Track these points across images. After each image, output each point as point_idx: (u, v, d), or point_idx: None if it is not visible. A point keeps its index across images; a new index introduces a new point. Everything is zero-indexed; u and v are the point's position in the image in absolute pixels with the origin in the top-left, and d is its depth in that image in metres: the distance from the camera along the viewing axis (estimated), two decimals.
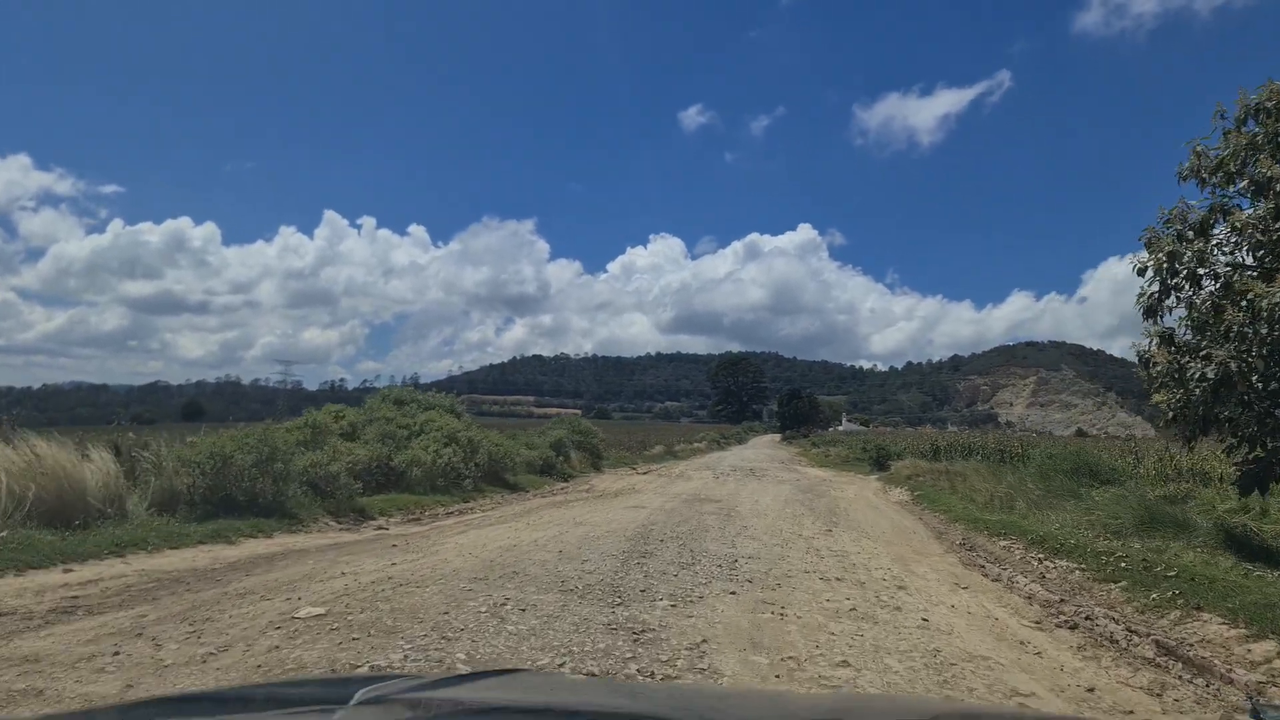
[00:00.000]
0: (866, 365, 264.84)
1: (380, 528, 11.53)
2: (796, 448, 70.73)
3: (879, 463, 31.89)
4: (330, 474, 11.69)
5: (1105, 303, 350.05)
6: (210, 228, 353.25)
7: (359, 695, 1.51)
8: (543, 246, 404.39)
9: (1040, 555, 10.59)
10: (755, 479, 27.13)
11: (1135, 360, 10.25)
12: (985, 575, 9.51)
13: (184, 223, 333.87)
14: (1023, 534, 12.03)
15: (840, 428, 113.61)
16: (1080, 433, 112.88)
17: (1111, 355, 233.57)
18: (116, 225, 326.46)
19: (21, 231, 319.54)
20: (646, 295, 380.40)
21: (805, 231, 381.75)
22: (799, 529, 12.85)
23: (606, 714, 1.63)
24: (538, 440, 23.24)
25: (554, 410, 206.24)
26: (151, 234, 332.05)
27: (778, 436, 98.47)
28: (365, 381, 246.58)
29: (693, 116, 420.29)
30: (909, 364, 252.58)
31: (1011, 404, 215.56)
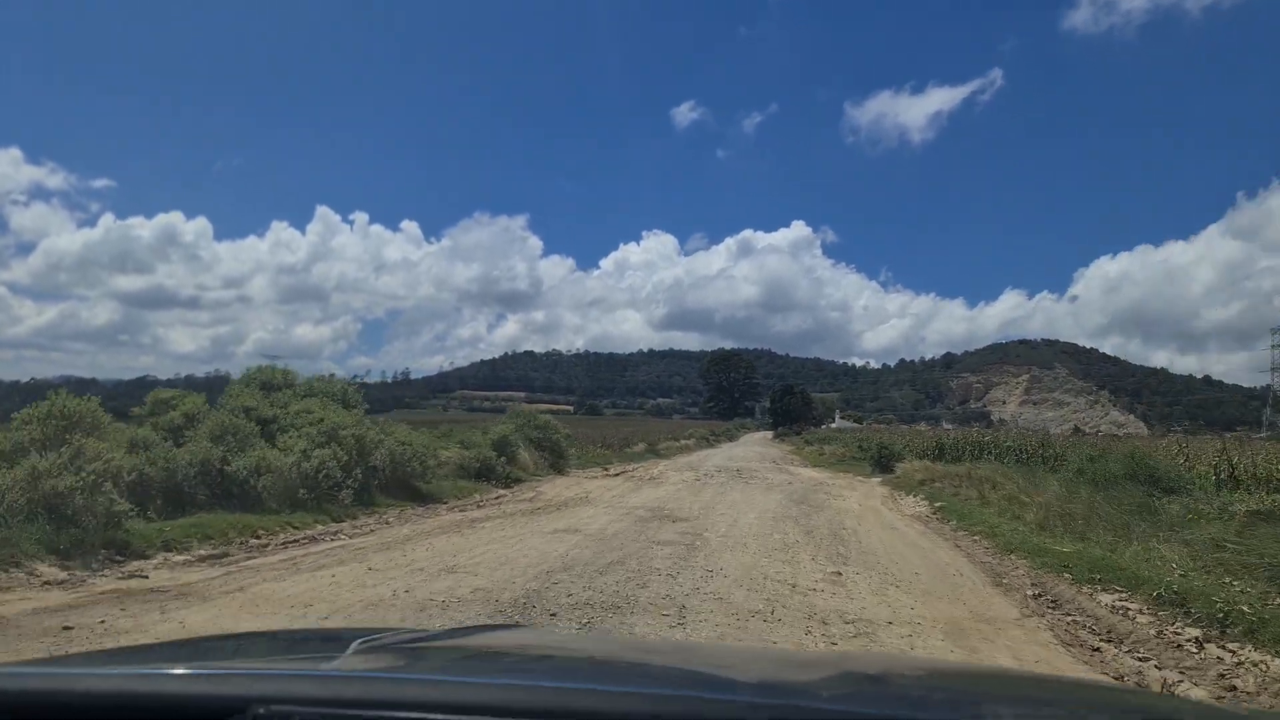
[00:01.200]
0: (859, 363, 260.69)
1: (136, 574, 7.30)
2: (789, 445, 66.56)
3: (881, 463, 27.76)
4: (59, 491, 7.49)
5: (1096, 301, 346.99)
6: (202, 222, 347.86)
7: (355, 645, 1.53)
8: (535, 243, 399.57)
9: (1192, 628, 6.38)
10: (741, 482, 22.98)
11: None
12: (1115, 675, 5.34)
13: (175, 217, 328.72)
14: (1133, 583, 7.83)
15: (833, 425, 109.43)
16: (1077, 430, 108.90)
17: (1104, 354, 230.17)
18: (108, 219, 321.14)
19: (12, 225, 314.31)
20: (639, 292, 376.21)
21: (799, 229, 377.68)
22: (793, 571, 8.64)
23: (601, 660, 1.76)
24: (478, 438, 19.01)
25: (545, 406, 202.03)
26: (143, 228, 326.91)
27: (770, 434, 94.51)
28: (356, 376, 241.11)
29: (685, 113, 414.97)
30: (901, 361, 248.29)
31: (1004, 402, 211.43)
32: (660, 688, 1.45)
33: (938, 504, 16.05)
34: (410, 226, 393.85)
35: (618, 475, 24.92)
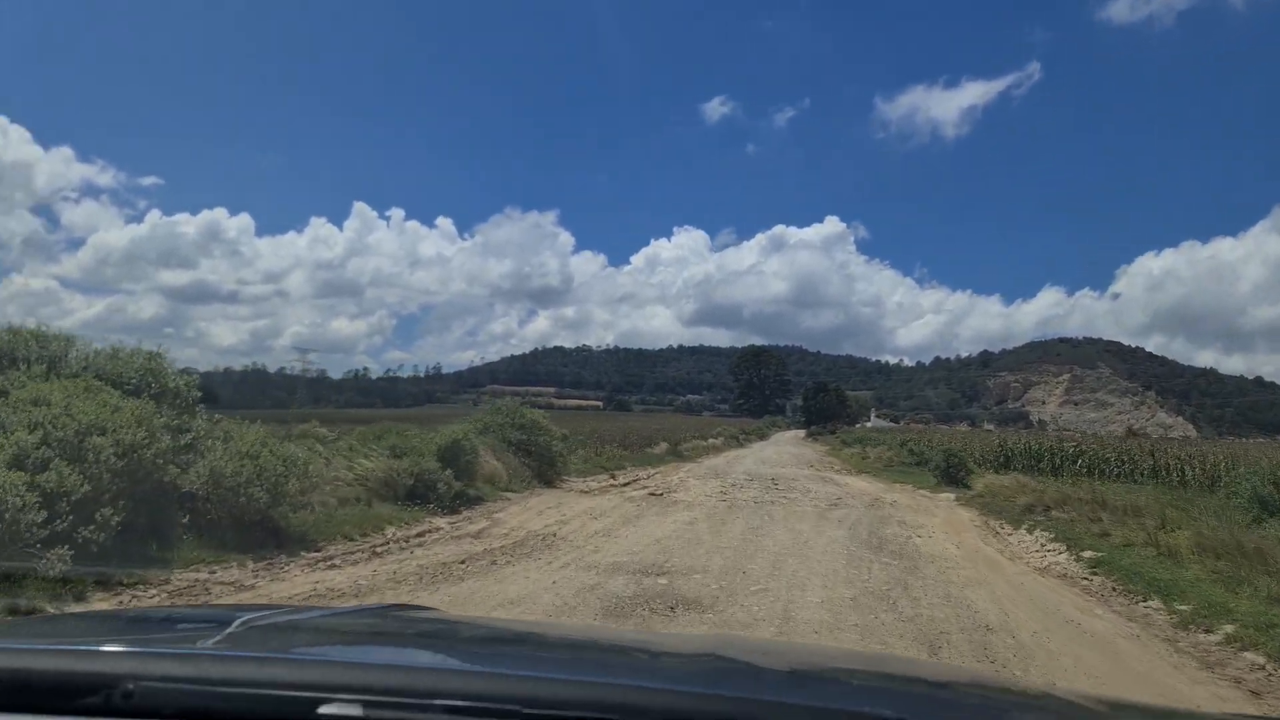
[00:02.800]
0: (892, 360, 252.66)
1: None
2: (823, 445, 60.68)
3: (950, 474, 22.08)
4: None
5: (1139, 299, 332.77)
6: (244, 219, 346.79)
7: (239, 621, 1.49)
8: (566, 239, 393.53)
9: None
10: (781, 500, 17.57)
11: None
12: None
13: (219, 214, 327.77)
14: None
15: (869, 424, 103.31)
16: (1131, 433, 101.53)
17: (1151, 353, 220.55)
18: (154, 216, 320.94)
19: (63, 222, 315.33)
20: (670, 288, 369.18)
21: (832, 224, 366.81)
22: None
23: (490, 640, 1.73)
24: (418, 442, 13.64)
25: (575, 401, 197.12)
26: (188, 225, 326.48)
27: (802, 432, 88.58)
28: (389, 370, 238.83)
29: (715, 108, 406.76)
30: (936, 359, 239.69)
31: (1044, 402, 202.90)
32: (557, 672, 1.40)
33: (1083, 552, 10.44)
34: (445, 223, 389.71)
35: (624, 485, 19.55)
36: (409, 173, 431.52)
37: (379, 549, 9.31)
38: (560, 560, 8.80)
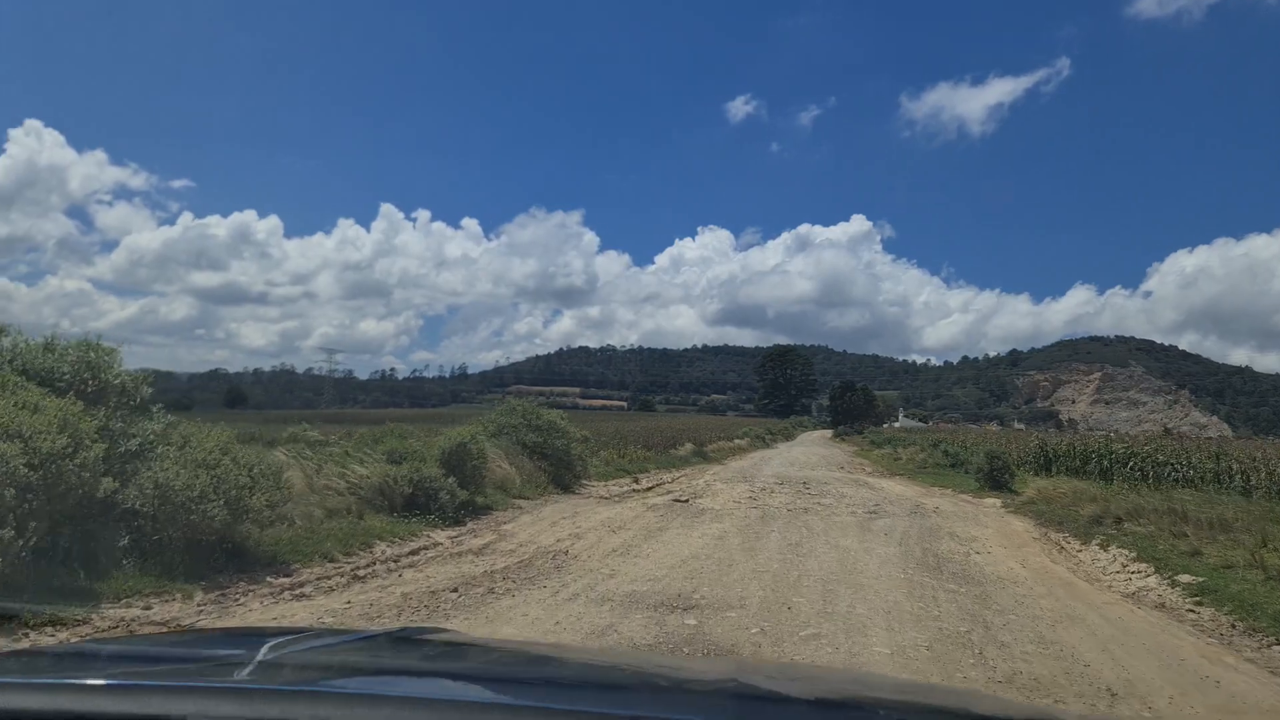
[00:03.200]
0: (919, 360, 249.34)
1: None
2: (852, 445, 59.08)
3: (994, 478, 20.54)
4: None
5: (1171, 297, 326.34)
6: (273, 220, 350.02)
7: (265, 650, 1.46)
8: (591, 239, 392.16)
9: None
10: (816, 506, 16.24)
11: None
12: None
13: (249, 216, 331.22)
14: None
15: (897, 424, 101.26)
16: (1168, 432, 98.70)
17: (1184, 351, 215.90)
18: (186, 218, 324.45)
19: (98, 224, 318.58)
20: (694, 287, 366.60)
21: (858, 223, 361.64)
22: None
23: (522, 680, 1.64)
24: (418, 446, 12.36)
25: (599, 401, 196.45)
26: (218, 227, 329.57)
27: (828, 433, 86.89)
28: (415, 371, 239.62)
29: (739, 107, 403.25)
30: (964, 358, 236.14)
31: (1074, 401, 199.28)
32: (573, 703, 1.41)
33: (1176, 576, 8.94)
34: (470, 224, 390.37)
35: (647, 490, 18.23)
36: (435, 174, 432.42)
37: (362, 571, 8.02)
38: (569, 588, 7.46)
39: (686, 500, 15.67)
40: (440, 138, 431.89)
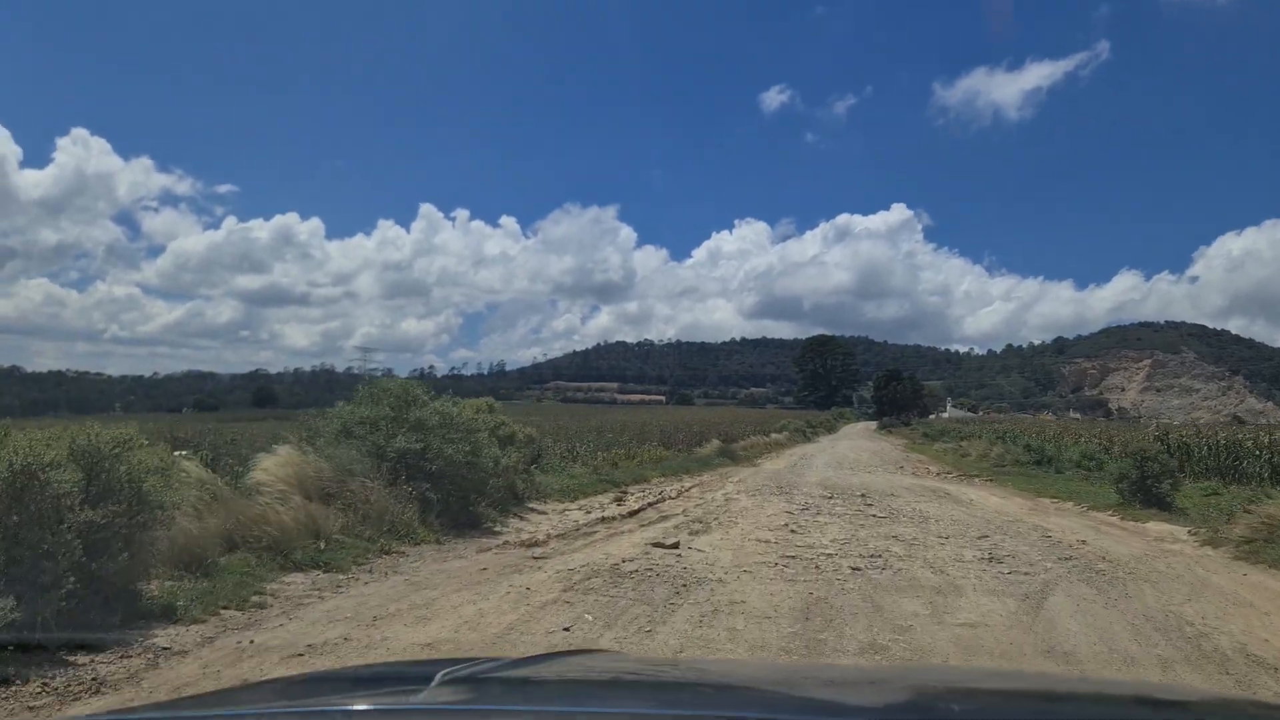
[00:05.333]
0: (962, 349, 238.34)
1: None
2: (900, 438, 51.72)
3: (1145, 489, 13.49)
4: None
5: (1218, 281, 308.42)
6: (315, 222, 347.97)
7: (440, 676, 1.48)
8: (628, 234, 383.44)
9: None
10: (885, 532, 9.94)
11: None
12: None
13: (291, 218, 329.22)
14: None
15: (945, 414, 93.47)
16: (1238, 420, 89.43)
17: (1238, 336, 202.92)
18: (230, 222, 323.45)
19: (144, 230, 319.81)
20: (731, 281, 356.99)
21: (899, 212, 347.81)
22: None
23: (675, 684, 1.69)
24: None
25: (637, 396, 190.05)
26: (261, 230, 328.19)
27: (872, 424, 79.42)
28: (454, 369, 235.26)
29: (774, 97, 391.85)
30: (1008, 347, 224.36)
31: (1123, 389, 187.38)
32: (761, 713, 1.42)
33: None
34: (509, 221, 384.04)
35: (626, 516, 11.70)
36: (473, 173, 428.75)
37: None
38: None
39: (675, 545, 8.97)
40: (478, 137, 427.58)
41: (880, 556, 9.03)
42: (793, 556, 8.74)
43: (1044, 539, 10.95)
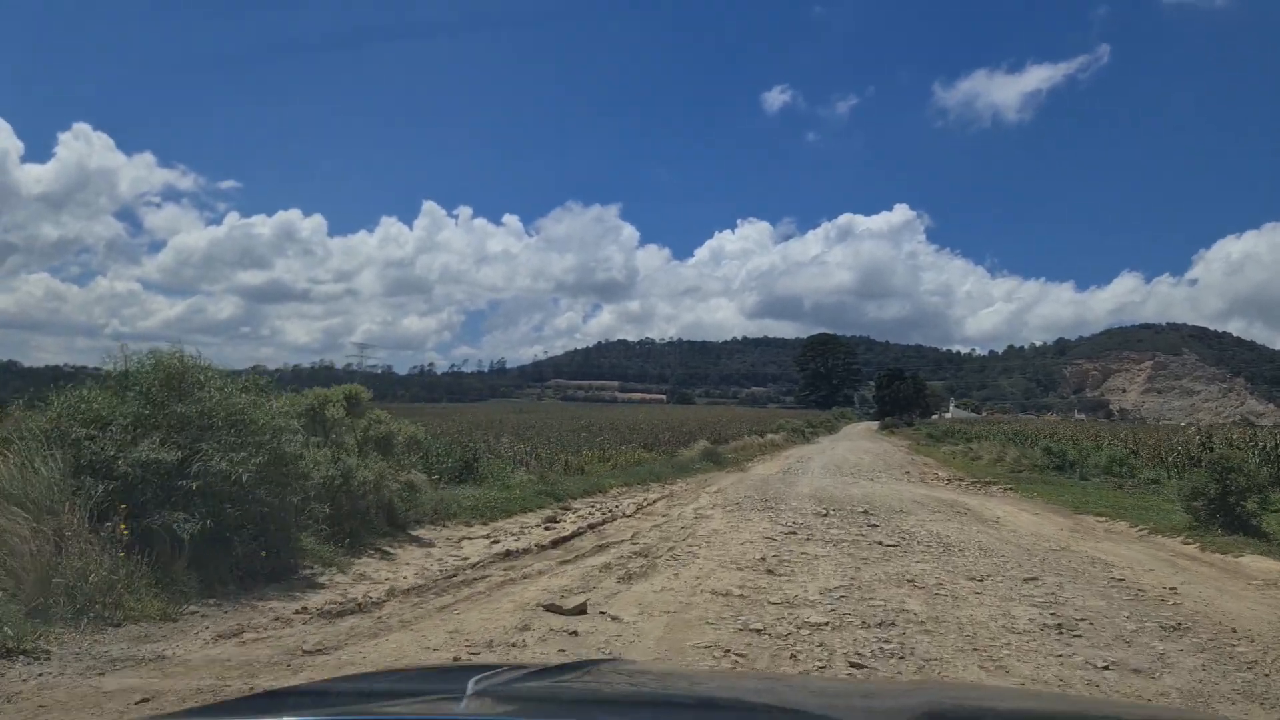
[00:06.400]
0: (964, 350, 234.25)
1: None
2: (903, 439, 48.31)
3: (1228, 509, 10.31)
4: None
5: (1217, 284, 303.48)
6: (317, 219, 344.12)
7: (473, 685, 1.47)
8: (631, 233, 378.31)
9: None
10: (895, 569, 6.58)
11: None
12: None
13: (293, 215, 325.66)
14: None
15: (948, 414, 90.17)
16: (1249, 422, 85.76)
17: (1239, 338, 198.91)
18: (232, 218, 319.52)
19: (146, 225, 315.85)
20: (733, 280, 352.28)
21: (901, 212, 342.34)
22: None
23: (707, 701, 1.64)
24: None
25: (638, 395, 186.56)
26: (263, 226, 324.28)
27: (874, 424, 76.06)
28: (454, 366, 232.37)
29: (775, 97, 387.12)
30: (1010, 347, 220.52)
31: (1125, 390, 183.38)
32: None
33: None
34: (511, 220, 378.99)
35: (554, 545, 8.56)
36: (477, 171, 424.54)
37: None
38: None
39: (581, 608, 5.78)
40: (482, 135, 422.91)
41: (893, 626, 5.87)
42: (759, 630, 5.57)
43: (1114, 584, 7.79)
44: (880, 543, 9.79)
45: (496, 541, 8.73)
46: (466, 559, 7.73)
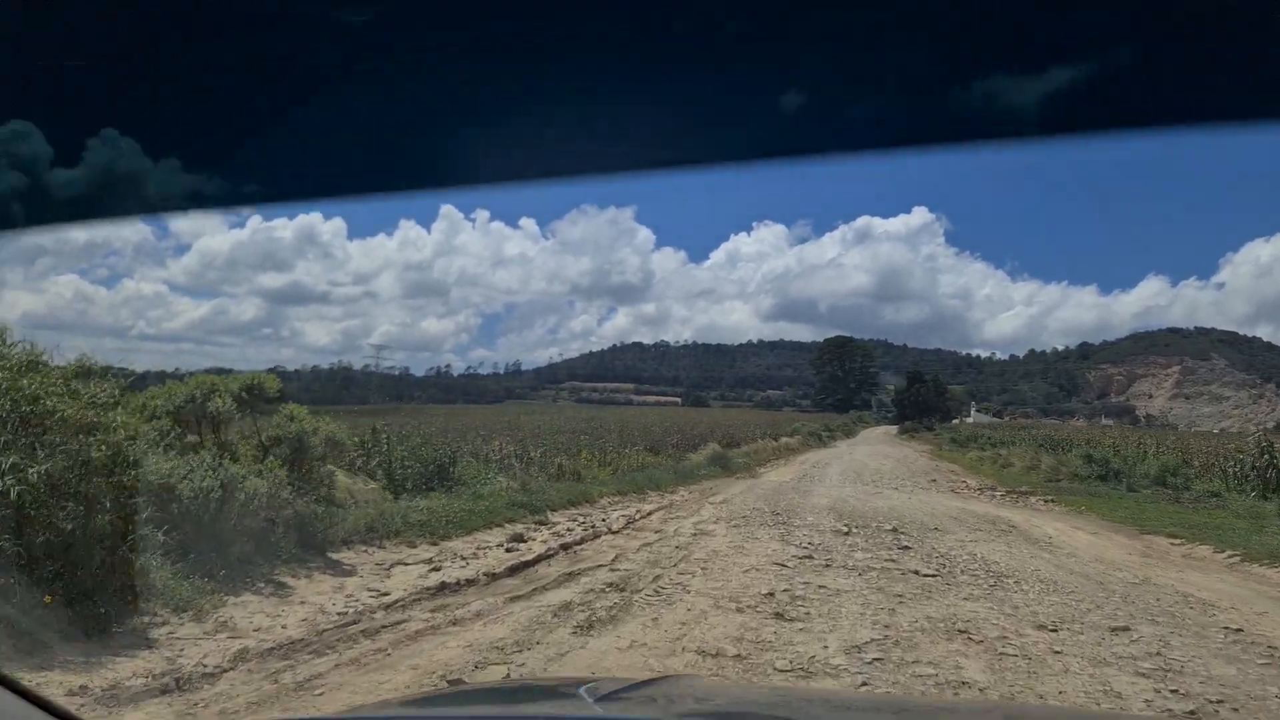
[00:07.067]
0: (984, 354, 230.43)
1: None
2: (924, 444, 46.06)
3: None
4: None
5: (1244, 289, 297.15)
6: (337, 222, 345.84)
7: (587, 694, 1.51)
8: (646, 235, 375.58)
9: None
10: (954, 624, 4.47)
11: None
12: None
13: (315, 218, 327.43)
14: None
15: (969, 419, 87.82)
16: None
17: (1270, 343, 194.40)
18: (255, 221, 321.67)
19: (171, 229, 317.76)
20: (749, 283, 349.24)
21: (920, 215, 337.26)
22: None
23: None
24: None
25: (653, 398, 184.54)
26: (285, 229, 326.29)
27: (893, 429, 73.84)
28: (470, 368, 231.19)
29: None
30: (1031, 352, 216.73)
31: (1151, 396, 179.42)
32: None
33: None
34: (528, 223, 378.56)
35: (511, 572, 6.77)
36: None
37: None
38: None
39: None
40: None
41: (955, 714, 4.03)
42: None
43: (1231, 637, 5.92)
44: (916, 571, 7.96)
45: (438, 568, 6.97)
46: (386, 595, 5.97)
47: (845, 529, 10.66)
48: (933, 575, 7.84)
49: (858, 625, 5.84)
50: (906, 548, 9.41)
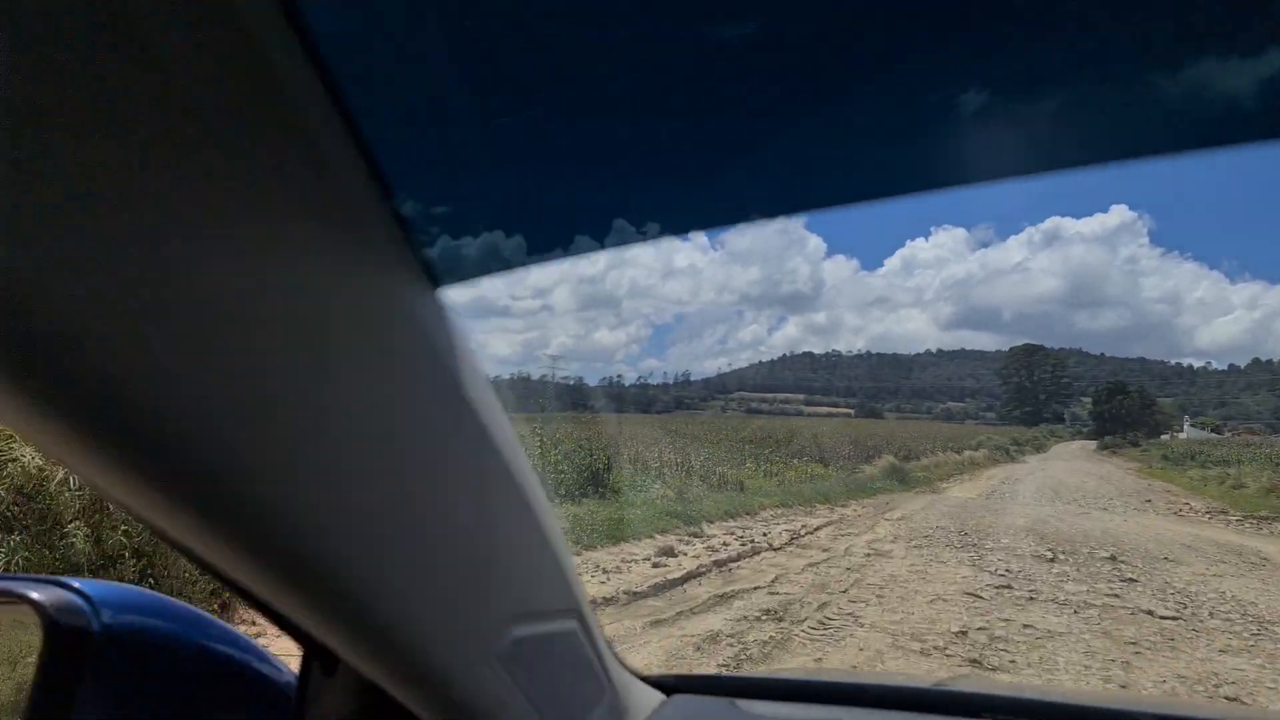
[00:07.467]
0: (1197, 363, 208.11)
1: None
2: (1129, 461, 41.23)
3: None
4: None
5: None
6: (518, 239, 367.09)
7: (912, 687, 1.34)
8: (817, 244, 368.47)
9: None
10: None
11: None
12: None
13: (496, 235, 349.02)
14: None
15: (1181, 434, 78.81)
16: None
17: None
18: (443, 240, 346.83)
19: None
20: (926, 290, 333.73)
21: (1118, 213, 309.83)
22: None
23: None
24: None
25: (824, 409, 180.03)
26: (469, 246, 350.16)
27: (1090, 444, 67.39)
28: (640, 378, 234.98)
29: (971, 97, 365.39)
30: (1255, 360, 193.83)
31: None
32: None
33: None
34: (697, 235, 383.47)
35: (652, 593, 5.90)
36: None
37: None
38: None
39: None
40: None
41: None
42: None
43: None
44: (1150, 612, 6.46)
45: None
46: None
47: (1049, 554, 9.11)
48: (1172, 618, 6.32)
49: (1082, 682, 4.58)
50: (1131, 580, 7.81)
